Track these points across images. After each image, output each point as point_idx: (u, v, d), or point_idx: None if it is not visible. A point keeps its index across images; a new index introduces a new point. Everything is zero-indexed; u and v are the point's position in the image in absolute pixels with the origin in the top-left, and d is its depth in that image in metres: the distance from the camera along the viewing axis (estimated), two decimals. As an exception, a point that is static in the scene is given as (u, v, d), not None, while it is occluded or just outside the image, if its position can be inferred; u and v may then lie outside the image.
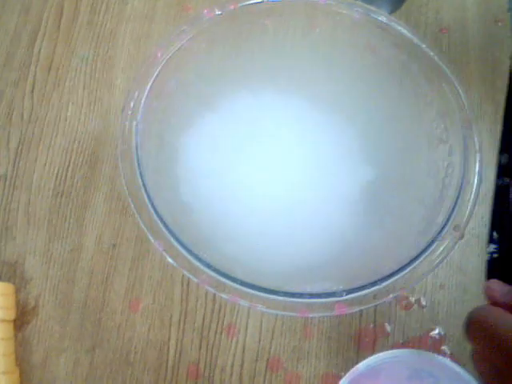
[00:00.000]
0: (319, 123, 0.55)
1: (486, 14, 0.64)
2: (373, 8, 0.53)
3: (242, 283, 0.43)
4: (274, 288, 0.43)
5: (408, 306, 0.51)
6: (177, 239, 0.44)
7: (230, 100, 0.54)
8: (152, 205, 0.45)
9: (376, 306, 0.49)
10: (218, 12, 0.52)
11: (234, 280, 0.43)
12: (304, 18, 0.55)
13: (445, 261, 0.46)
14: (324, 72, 0.56)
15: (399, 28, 0.53)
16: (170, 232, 0.44)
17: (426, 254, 0.46)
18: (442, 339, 0.50)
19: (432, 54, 0.52)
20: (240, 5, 0.51)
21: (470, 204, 0.47)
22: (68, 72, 0.59)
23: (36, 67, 0.59)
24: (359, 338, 0.50)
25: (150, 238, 0.44)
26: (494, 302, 0.37)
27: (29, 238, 0.53)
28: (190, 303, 0.51)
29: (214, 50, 0.53)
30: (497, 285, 0.37)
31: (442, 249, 0.46)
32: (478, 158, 0.49)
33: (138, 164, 0.46)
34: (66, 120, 0.57)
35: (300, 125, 0.55)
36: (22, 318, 0.50)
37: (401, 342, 0.50)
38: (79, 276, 0.52)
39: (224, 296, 0.44)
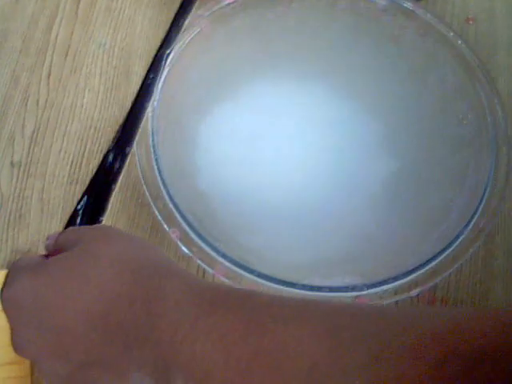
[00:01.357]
0: (340, 113, 0.54)
1: (515, 4, 0.62)
2: (399, -6, 0.52)
3: (259, 275, 0.42)
4: (292, 281, 0.42)
5: (430, 303, 0.49)
6: (192, 228, 0.43)
7: (250, 87, 0.53)
8: (167, 192, 0.44)
9: (397, 301, 0.48)
10: (238, -3, 0.51)
11: (250, 271, 0.42)
12: (326, 6, 0.54)
13: (469, 257, 0.45)
14: (346, 61, 0.55)
15: (426, 15, 0.52)
16: (186, 221, 0.43)
17: (450, 249, 0.45)
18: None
19: (460, 42, 0.50)
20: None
21: (497, 201, 0.46)
22: (85, 58, 0.58)
23: (53, 53, 0.58)
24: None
25: (165, 226, 0.43)
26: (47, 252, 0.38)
27: (42, 225, 0.52)
28: (204, 295, 0.50)
29: (233, 36, 0.52)
30: (52, 235, 0.39)
31: (466, 245, 0.45)
32: (506, 156, 0.47)
33: (154, 151, 0.45)
34: (82, 107, 0.56)
35: (321, 114, 0.54)
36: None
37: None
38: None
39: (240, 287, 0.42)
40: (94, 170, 0.49)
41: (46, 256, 0.38)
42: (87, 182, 0.52)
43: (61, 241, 0.37)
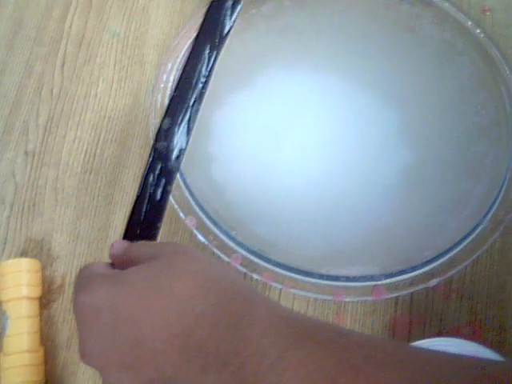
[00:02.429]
0: (357, 102, 0.53)
1: (532, -5, 0.62)
2: (416, -18, 0.51)
3: (276, 263, 0.42)
4: (309, 270, 0.42)
5: (446, 295, 0.49)
6: (208, 216, 0.43)
7: (265, 77, 0.52)
8: (184, 181, 0.44)
9: (413, 293, 0.47)
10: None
11: (267, 260, 0.42)
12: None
13: (486, 250, 0.44)
14: (361, 50, 0.54)
15: (443, 5, 0.51)
16: (202, 209, 0.43)
17: (467, 241, 0.44)
18: (481, 329, 0.48)
19: (478, 31, 0.50)
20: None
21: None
22: (99, 48, 0.58)
23: (67, 42, 0.58)
24: (394, 327, 0.48)
25: (181, 214, 0.43)
26: (112, 261, 0.37)
27: (56, 214, 0.52)
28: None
29: (249, 24, 0.52)
30: (117, 245, 0.37)
31: (482, 237, 0.44)
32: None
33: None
34: (96, 96, 0.56)
35: (337, 103, 0.53)
36: (47, 296, 0.49)
37: (437, 331, 0.48)
38: (106, 255, 0.49)
39: (256, 276, 0.42)
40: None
41: (111, 264, 0.37)
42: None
43: (134, 252, 0.35)
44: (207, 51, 0.47)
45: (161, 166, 0.43)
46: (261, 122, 0.51)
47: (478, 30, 0.50)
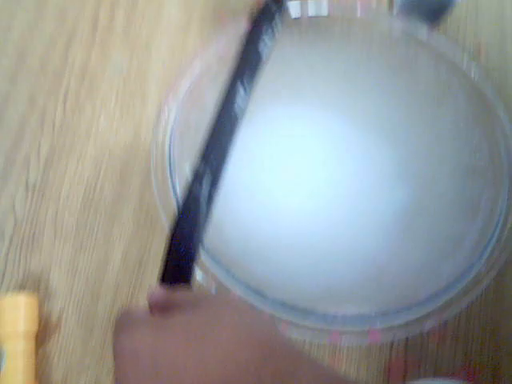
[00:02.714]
0: (355, 141, 0.54)
1: (527, 35, 0.63)
2: (412, 23, 0.52)
3: (273, 302, 0.42)
4: (306, 308, 0.42)
5: (441, 338, 0.49)
6: (207, 253, 0.43)
7: (266, 113, 0.53)
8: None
9: (408, 335, 0.47)
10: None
11: (264, 298, 0.42)
12: (341, 34, 0.54)
13: (480, 292, 0.44)
14: (359, 89, 0.55)
15: (439, 44, 0.52)
16: (201, 245, 0.43)
17: (461, 283, 0.44)
18: (475, 372, 0.48)
19: (473, 71, 0.51)
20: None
21: (510, 233, 0.46)
22: (102, 82, 0.59)
23: (70, 76, 0.59)
24: (389, 369, 0.48)
25: (180, 252, 0.43)
26: (151, 308, 0.36)
27: (55, 249, 0.52)
28: (216, 322, 0.50)
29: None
30: (157, 293, 0.36)
31: (477, 279, 0.44)
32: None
33: (171, 174, 0.45)
34: (97, 131, 0.56)
35: (335, 141, 0.54)
36: (44, 332, 0.49)
37: (432, 374, 0.48)
38: (104, 291, 0.51)
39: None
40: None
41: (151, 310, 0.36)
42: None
43: (176, 300, 0.35)
44: (240, 90, 0.46)
45: (194, 209, 0.41)
46: (259, 160, 0.52)
47: (473, 70, 0.50)
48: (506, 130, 0.49)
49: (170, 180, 0.45)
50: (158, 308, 0.36)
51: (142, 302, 0.50)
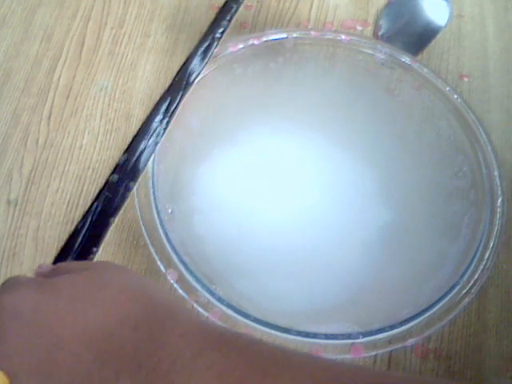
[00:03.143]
0: (337, 162, 0.55)
1: (508, 63, 0.64)
2: (396, 48, 0.53)
3: (255, 320, 0.42)
4: (287, 326, 0.42)
5: (424, 354, 0.49)
6: (189, 270, 0.43)
7: (249, 134, 0.54)
8: (165, 234, 0.44)
9: (391, 351, 0.47)
10: (240, 46, 0.52)
11: (245, 316, 0.42)
12: (325, 58, 0.55)
13: (462, 309, 0.44)
14: (343, 112, 0.56)
15: (422, 70, 0.53)
16: (182, 262, 0.43)
17: (444, 301, 0.44)
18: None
19: (456, 97, 0.52)
20: (263, 39, 0.51)
21: (491, 253, 0.46)
22: (86, 100, 0.59)
23: (55, 94, 0.59)
24: (372, 386, 0.48)
25: (162, 267, 0.43)
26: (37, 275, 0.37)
27: (36, 265, 0.51)
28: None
29: (235, 84, 0.53)
30: (45, 265, 0.38)
31: (459, 297, 0.45)
32: (500, 209, 0.48)
33: (153, 192, 0.45)
34: (81, 148, 0.56)
35: (318, 163, 0.54)
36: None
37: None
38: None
39: (234, 332, 0.42)
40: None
41: None
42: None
43: (64, 268, 0.36)
44: (167, 101, 0.49)
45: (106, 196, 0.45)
46: (242, 178, 0.52)
47: (456, 96, 0.51)
48: (488, 152, 0.50)
49: (152, 197, 0.45)
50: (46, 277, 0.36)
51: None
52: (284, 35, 0.53)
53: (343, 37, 0.54)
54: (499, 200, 0.48)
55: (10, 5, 0.63)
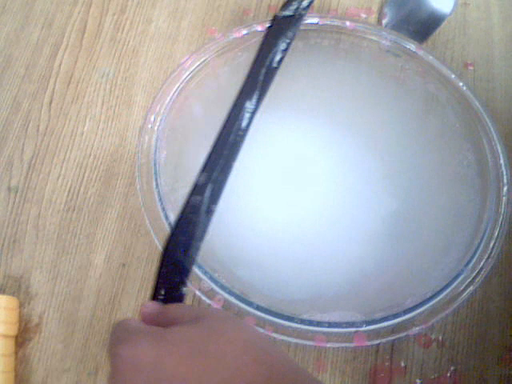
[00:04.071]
0: (341, 151, 0.54)
1: (514, 51, 0.63)
2: (401, 35, 0.52)
3: (257, 307, 0.41)
4: (291, 314, 0.42)
5: (427, 344, 0.49)
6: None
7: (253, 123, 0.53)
8: (167, 221, 0.43)
9: (394, 341, 0.47)
10: (244, 32, 0.51)
11: (249, 304, 0.41)
12: (330, 45, 0.54)
13: (467, 299, 0.44)
14: (348, 99, 0.55)
15: (428, 57, 0.52)
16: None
17: (448, 290, 0.44)
18: (461, 380, 0.48)
19: (461, 84, 0.51)
20: (267, 26, 0.51)
21: (497, 243, 0.46)
22: (87, 87, 0.58)
23: (56, 80, 0.58)
24: (374, 375, 0.48)
25: (164, 255, 0.43)
26: (145, 321, 0.34)
27: (36, 252, 0.51)
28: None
29: (239, 71, 0.53)
30: (151, 305, 0.35)
31: (464, 286, 0.44)
32: (506, 197, 0.47)
33: (155, 179, 0.45)
34: (82, 134, 0.56)
35: (322, 151, 0.54)
36: (23, 335, 0.48)
37: (418, 381, 0.48)
38: (86, 294, 0.50)
39: (237, 320, 0.42)
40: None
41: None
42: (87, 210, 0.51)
43: (173, 313, 0.34)
44: (247, 104, 0.46)
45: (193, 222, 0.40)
46: (245, 167, 0.51)
47: (461, 83, 0.51)
48: (493, 140, 0.49)
49: (154, 184, 0.45)
50: (153, 322, 0.34)
51: (125, 306, 0.49)
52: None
53: (348, 23, 0.53)
54: (505, 189, 0.47)
55: (11, -10, 0.63)
